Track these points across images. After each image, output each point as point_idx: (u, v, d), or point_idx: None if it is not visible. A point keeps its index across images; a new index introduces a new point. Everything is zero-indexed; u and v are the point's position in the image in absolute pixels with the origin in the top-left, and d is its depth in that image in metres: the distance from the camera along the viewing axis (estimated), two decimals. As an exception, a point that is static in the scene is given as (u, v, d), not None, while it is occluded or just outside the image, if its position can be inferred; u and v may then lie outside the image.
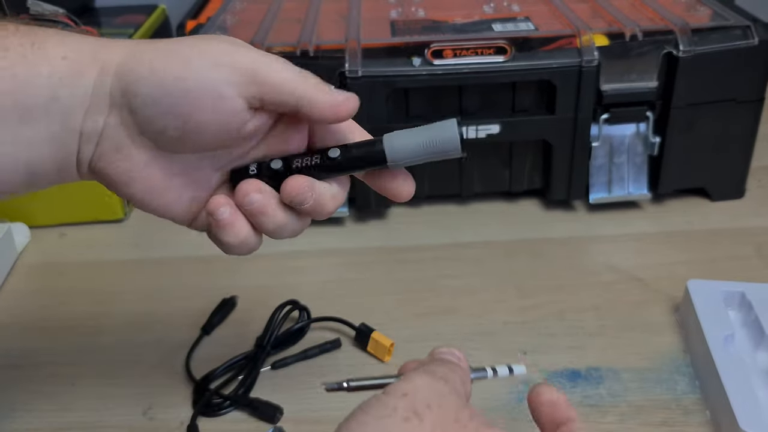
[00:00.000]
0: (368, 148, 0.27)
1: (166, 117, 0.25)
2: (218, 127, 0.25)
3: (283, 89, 0.25)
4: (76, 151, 0.26)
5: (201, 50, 0.25)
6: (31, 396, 0.39)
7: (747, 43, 0.48)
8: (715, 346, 0.36)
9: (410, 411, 0.21)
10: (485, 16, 0.54)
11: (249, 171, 0.27)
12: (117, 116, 0.25)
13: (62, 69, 0.24)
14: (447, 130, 0.26)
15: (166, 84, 0.24)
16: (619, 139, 0.51)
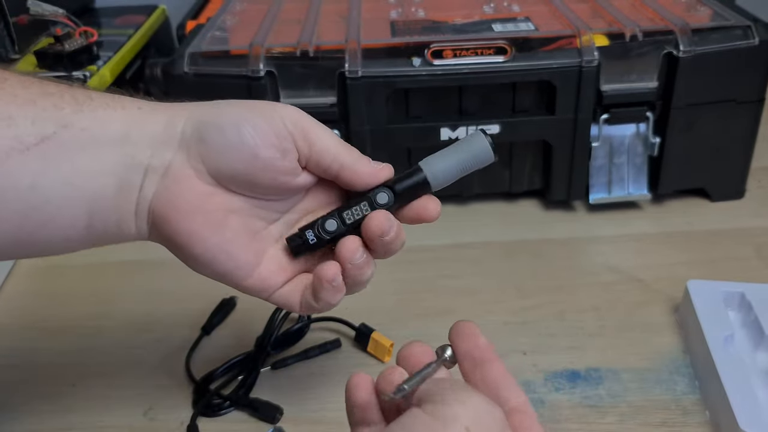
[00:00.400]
0: (412, 180, 0.29)
1: (235, 149, 0.27)
2: (277, 169, 0.28)
3: (328, 154, 0.28)
4: (138, 186, 0.27)
5: (270, 105, 0.28)
6: (32, 397, 0.39)
7: (747, 43, 0.48)
8: (715, 346, 0.36)
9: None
10: (485, 17, 0.54)
11: (309, 241, 0.29)
12: (185, 152, 0.27)
13: (136, 114, 0.27)
14: (479, 144, 0.29)
15: (240, 122, 0.27)
16: (619, 139, 0.51)
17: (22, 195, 0.25)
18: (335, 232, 0.28)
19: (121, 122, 0.27)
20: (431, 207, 0.29)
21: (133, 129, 0.27)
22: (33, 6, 0.54)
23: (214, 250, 0.28)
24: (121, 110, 0.27)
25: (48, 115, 0.25)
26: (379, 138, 0.50)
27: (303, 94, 0.49)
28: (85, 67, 0.54)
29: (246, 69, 0.48)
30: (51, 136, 0.25)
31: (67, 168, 0.26)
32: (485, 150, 0.29)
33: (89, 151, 0.26)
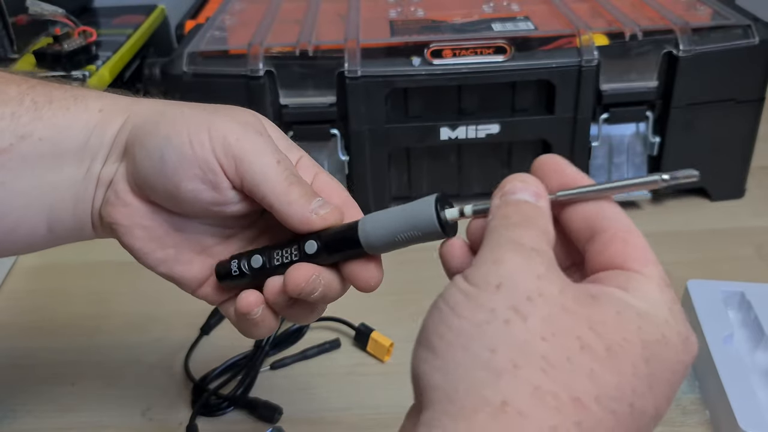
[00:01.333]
0: (342, 234, 0.25)
1: (160, 176, 0.25)
2: (204, 201, 0.25)
3: (258, 190, 0.25)
4: (92, 196, 0.27)
5: (208, 122, 0.25)
6: (31, 396, 0.39)
7: (747, 42, 0.48)
8: (715, 345, 0.36)
9: (510, 310, 0.17)
10: (484, 16, 0.54)
11: (232, 272, 0.27)
12: (125, 166, 0.26)
13: (97, 119, 0.26)
14: (423, 212, 0.22)
15: (164, 148, 0.25)
16: (619, 138, 0.51)
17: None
18: (258, 271, 0.26)
19: (80, 129, 0.26)
20: (363, 276, 0.24)
21: (93, 136, 0.26)
22: (32, 6, 0.54)
23: (158, 266, 0.27)
24: (82, 114, 0.26)
25: (5, 125, 0.25)
26: (379, 138, 0.50)
27: (302, 93, 0.49)
28: (84, 66, 0.53)
29: (245, 69, 0.47)
30: (8, 148, 0.25)
31: (26, 181, 0.25)
32: (430, 223, 0.22)
33: (47, 162, 0.25)
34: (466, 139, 0.50)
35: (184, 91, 0.49)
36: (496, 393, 0.16)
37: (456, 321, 0.18)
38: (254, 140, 0.25)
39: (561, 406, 0.16)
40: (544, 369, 0.16)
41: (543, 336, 0.16)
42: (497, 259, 0.18)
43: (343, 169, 0.51)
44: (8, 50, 0.56)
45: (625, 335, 0.17)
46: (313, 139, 0.50)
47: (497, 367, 0.16)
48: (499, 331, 0.17)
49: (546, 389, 0.16)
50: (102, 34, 0.61)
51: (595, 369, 0.16)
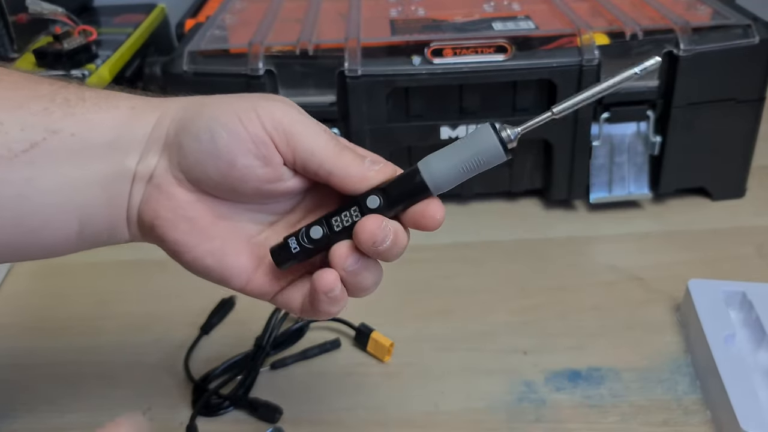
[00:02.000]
0: (407, 183, 0.25)
1: (211, 157, 0.25)
2: (258, 178, 0.26)
3: (314, 159, 0.25)
4: (127, 193, 0.26)
5: (253, 103, 0.26)
6: (31, 396, 0.39)
7: (748, 42, 0.48)
8: (716, 345, 0.36)
9: None
10: (485, 15, 0.54)
11: (292, 249, 0.26)
12: (167, 158, 0.26)
13: (128, 115, 0.26)
14: (486, 140, 0.24)
15: (214, 128, 0.25)
16: (620, 138, 0.51)
17: (10, 203, 0.24)
18: (321, 240, 0.26)
19: (111, 125, 0.26)
20: (429, 213, 0.25)
21: (124, 132, 0.26)
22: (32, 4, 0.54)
23: (204, 258, 0.27)
24: (114, 111, 0.26)
25: (37, 120, 0.24)
26: (380, 137, 0.50)
27: (303, 93, 0.49)
28: (84, 65, 0.53)
29: (245, 68, 0.47)
30: (40, 142, 0.24)
31: (56, 176, 0.25)
32: (493, 147, 0.24)
33: (78, 158, 0.25)
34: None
35: (185, 90, 0.49)
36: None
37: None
38: (299, 116, 0.26)
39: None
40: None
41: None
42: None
43: (344, 168, 0.51)
44: (8, 49, 0.56)
45: None
46: (313, 138, 0.50)
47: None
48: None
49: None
50: (102, 33, 0.61)
51: None
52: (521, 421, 0.36)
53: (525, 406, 0.36)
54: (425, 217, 0.25)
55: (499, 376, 0.38)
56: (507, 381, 0.38)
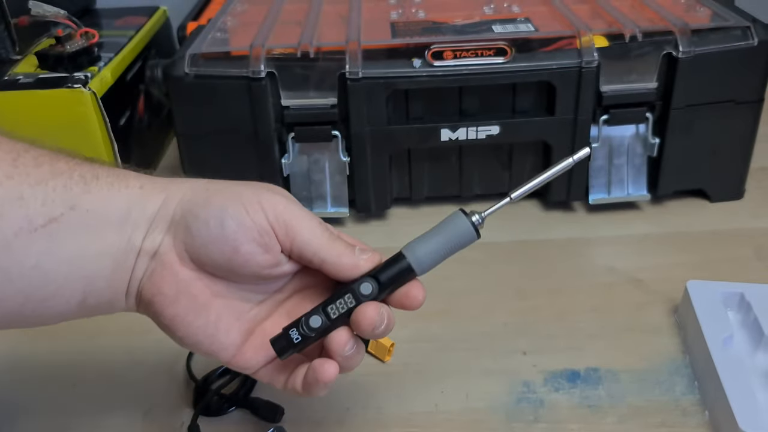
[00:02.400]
0: (396, 269, 0.28)
1: (218, 242, 0.27)
2: (258, 263, 0.28)
3: (309, 248, 0.28)
4: (131, 267, 0.28)
5: (257, 195, 0.28)
6: (32, 397, 0.39)
7: (747, 43, 0.48)
8: (715, 347, 0.36)
9: None
10: (485, 17, 0.54)
11: (294, 341, 0.28)
12: (171, 236, 0.28)
13: (137, 194, 0.28)
14: (460, 225, 0.28)
15: (223, 217, 0.27)
16: (619, 140, 0.51)
17: (26, 273, 0.25)
18: (320, 329, 0.28)
19: (124, 202, 0.27)
20: (413, 294, 0.29)
21: (134, 209, 0.28)
22: (34, 7, 0.54)
23: (198, 333, 0.28)
24: (125, 189, 0.28)
25: (57, 196, 0.26)
26: (380, 139, 0.50)
27: (303, 95, 0.49)
28: (86, 68, 0.54)
29: (247, 70, 0.48)
30: (59, 217, 0.26)
31: (71, 249, 0.26)
32: (467, 231, 0.28)
33: (93, 232, 0.27)
34: (466, 141, 0.50)
35: (186, 93, 0.49)
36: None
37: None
38: (297, 208, 0.29)
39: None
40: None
41: None
42: None
43: (344, 170, 0.51)
44: (10, 51, 0.56)
45: None
46: (314, 140, 0.50)
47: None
48: None
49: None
50: (104, 36, 0.61)
51: None
52: (520, 422, 0.36)
53: (524, 406, 0.37)
54: (409, 298, 0.29)
55: (499, 376, 0.38)
56: (506, 381, 0.38)
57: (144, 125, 0.61)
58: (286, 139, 0.50)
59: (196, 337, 0.28)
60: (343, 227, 0.53)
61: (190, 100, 0.49)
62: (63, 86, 0.50)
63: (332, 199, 0.52)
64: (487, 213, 0.29)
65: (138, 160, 0.59)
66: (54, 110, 0.51)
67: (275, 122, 0.49)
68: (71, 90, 0.50)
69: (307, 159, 0.51)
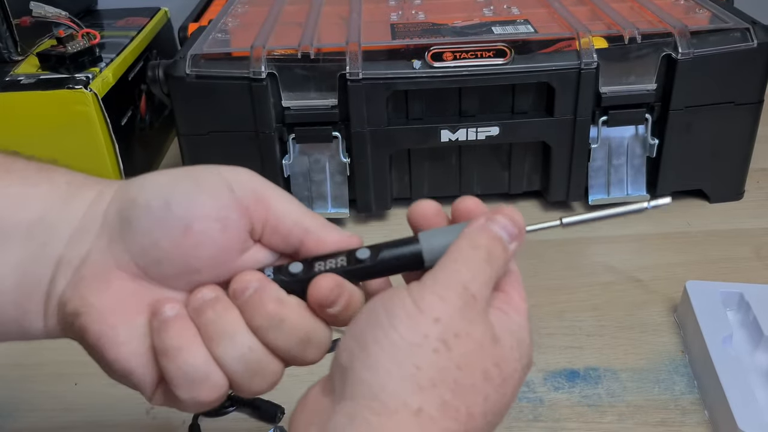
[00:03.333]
0: (403, 249, 0.24)
1: (163, 225, 0.22)
2: (215, 243, 0.22)
3: (289, 217, 0.23)
4: (47, 280, 0.22)
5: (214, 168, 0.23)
6: (34, 395, 0.39)
7: (746, 45, 0.48)
8: (714, 346, 0.36)
9: (440, 341, 0.20)
10: (485, 19, 0.54)
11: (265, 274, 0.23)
12: (105, 238, 0.22)
13: (62, 190, 0.23)
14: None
15: (167, 192, 0.22)
16: (618, 141, 0.51)
17: None
18: (298, 276, 0.23)
19: (39, 202, 0.22)
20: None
21: (51, 211, 0.22)
22: (36, 8, 0.54)
23: (130, 360, 0.22)
24: (45, 185, 0.23)
25: None
26: (380, 139, 0.50)
27: (304, 95, 0.49)
28: (88, 68, 0.54)
29: (247, 71, 0.48)
30: None
31: None
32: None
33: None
34: (466, 141, 0.50)
35: (187, 93, 0.49)
36: (414, 401, 0.20)
37: (393, 333, 0.21)
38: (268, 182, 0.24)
39: (459, 417, 0.20)
40: (453, 390, 0.20)
41: (459, 366, 0.21)
42: (443, 297, 0.21)
43: (345, 170, 0.51)
44: (12, 52, 0.56)
45: (516, 366, 0.22)
46: (314, 140, 0.50)
47: (419, 382, 0.20)
48: (427, 355, 0.20)
49: (452, 404, 0.20)
50: (105, 36, 0.61)
51: (490, 394, 0.21)
52: (519, 420, 0.36)
53: (523, 405, 0.37)
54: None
55: (498, 376, 0.39)
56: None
57: (145, 126, 0.61)
58: (287, 139, 0.50)
59: (127, 364, 0.22)
60: (344, 227, 0.53)
61: (191, 101, 0.49)
62: (64, 87, 0.51)
63: (333, 200, 0.52)
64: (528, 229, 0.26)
65: (139, 161, 0.59)
66: (55, 111, 0.51)
67: (276, 123, 0.49)
68: (73, 91, 0.50)
69: (307, 159, 0.51)
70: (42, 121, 0.51)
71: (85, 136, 0.52)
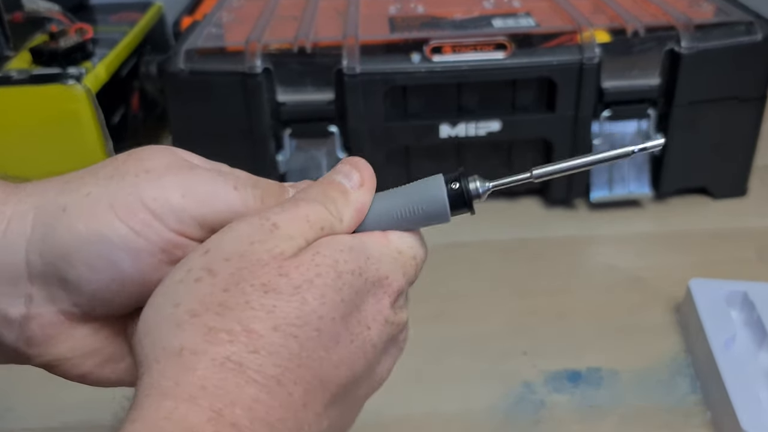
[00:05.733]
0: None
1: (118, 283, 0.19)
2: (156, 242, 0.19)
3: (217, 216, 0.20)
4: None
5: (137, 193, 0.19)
6: (31, 395, 0.38)
7: (750, 39, 0.48)
8: (717, 346, 0.36)
9: (203, 270, 0.18)
10: (485, 12, 0.53)
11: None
12: (44, 293, 0.20)
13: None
14: (431, 191, 0.21)
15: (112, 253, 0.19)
16: (621, 136, 0.51)
17: None
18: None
19: None
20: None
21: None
22: (28, 3, 0.54)
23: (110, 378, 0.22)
24: None
25: None
26: (378, 136, 0.49)
27: (300, 91, 0.48)
28: (80, 63, 0.53)
29: (242, 66, 0.47)
30: None
31: None
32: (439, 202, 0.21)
33: None
34: (466, 138, 0.49)
35: (181, 89, 0.48)
36: (174, 341, 0.17)
37: (160, 287, 0.18)
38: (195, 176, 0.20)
39: (234, 339, 0.17)
40: (220, 313, 0.17)
41: (226, 288, 0.17)
42: (229, 228, 0.19)
43: (342, 167, 0.50)
44: (4, 48, 0.55)
45: (319, 271, 0.18)
46: (311, 136, 0.49)
47: (177, 319, 0.17)
48: (188, 288, 0.18)
49: (219, 328, 0.17)
50: (98, 32, 0.60)
51: (277, 305, 0.17)
52: (520, 422, 0.35)
53: (524, 407, 0.36)
54: None
55: (499, 376, 0.38)
56: (506, 382, 0.38)
57: (139, 121, 0.60)
58: (283, 135, 0.49)
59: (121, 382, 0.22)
60: (341, 225, 0.52)
61: (186, 96, 0.49)
62: (57, 82, 0.50)
63: (330, 197, 0.51)
64: (494, 185, 0.22)
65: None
66: (48, 106, 0.50)
67: (271, 118, 0.49)
68: (65, 86, 0.50)
69: (303, 155, 0.51)
70: (34, 116, 0.51)
71: (77, 132, 0.51)
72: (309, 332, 0.17)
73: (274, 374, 0.17)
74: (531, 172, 0.22)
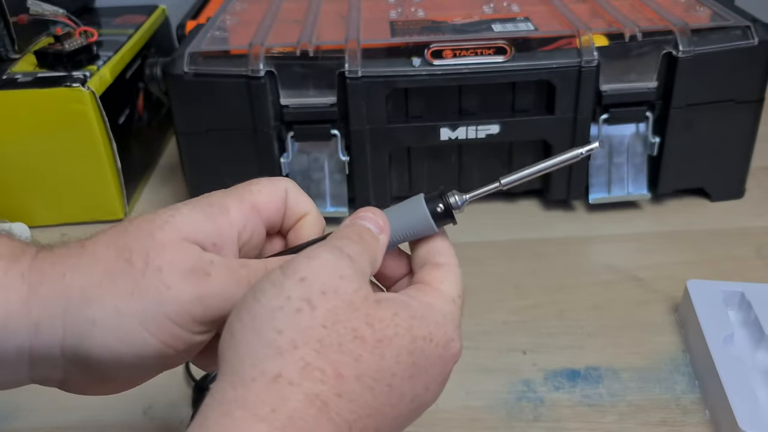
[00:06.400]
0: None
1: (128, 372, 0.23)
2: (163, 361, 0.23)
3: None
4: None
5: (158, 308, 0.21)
6: (31, 395, 0.38)
7: (747, 43, 0.48)
8: (715, 345, 0.36)
9: (303, 300, 0.19)
10: (485, 17, 0.54)
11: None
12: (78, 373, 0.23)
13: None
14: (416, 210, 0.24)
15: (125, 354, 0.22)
16: (619, 139, 0.51)
17: None
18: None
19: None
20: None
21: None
22: (33, 5, 0.54)
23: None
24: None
25: None
26: (379, 138, 0.50)
27: (303, 94, 0.49)
28: (85, 66, 0.54)
29: (246, 69, 0.48)
30: None
31: None
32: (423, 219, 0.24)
33: None
34: (466, 140, 0.50)
35: (185, 91, 0.49)
36: (273, 367, 0.19)
37: (255, 305, 0.20)
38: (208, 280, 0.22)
39: (325, 379, 0.19)
40: (317, 350, 0.19)
41: (324, 324, 0.19)
42: (312, 255, 0.21)
43: (344, 169, 0.51)
44: (9, 50, 0.56)
45: (397, 331, 0.20)
46: (313, 139, 0.50)
47: (279, 346, 0.19)
48: (289, 317, 0.19)
49: (315, 365, 0.19)
50: (103, 34, 0.61)
51: (362, 355, 0.19)
52: (520, 420, 0.36)
53: (524, 405, 0.37)
54: None
55: (498, 375, 0.38)
56: (506, 380, 0.38)
57: (143, 124, 0.61)
58: (285, 137, 0.50)
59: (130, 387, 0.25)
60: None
61: (190, 99, 0.49)
62: (62, 85, 0.50)
63: (331, 198, 0.52)
64: (470, 196, 0.25)
65: (137, 159, 0.58)
66: (53, 109, 0.51)
67: (274, 121, 0.49)
68: (70, 89, 0.50)
69: (306, 158, 0.51)
70: (39, 119, 0.51)
71: (82, 134, 0.51)
72: (382, 387, 0.20)
73: (348, 419, 0.19)
74: (500, 182, 0.26)
